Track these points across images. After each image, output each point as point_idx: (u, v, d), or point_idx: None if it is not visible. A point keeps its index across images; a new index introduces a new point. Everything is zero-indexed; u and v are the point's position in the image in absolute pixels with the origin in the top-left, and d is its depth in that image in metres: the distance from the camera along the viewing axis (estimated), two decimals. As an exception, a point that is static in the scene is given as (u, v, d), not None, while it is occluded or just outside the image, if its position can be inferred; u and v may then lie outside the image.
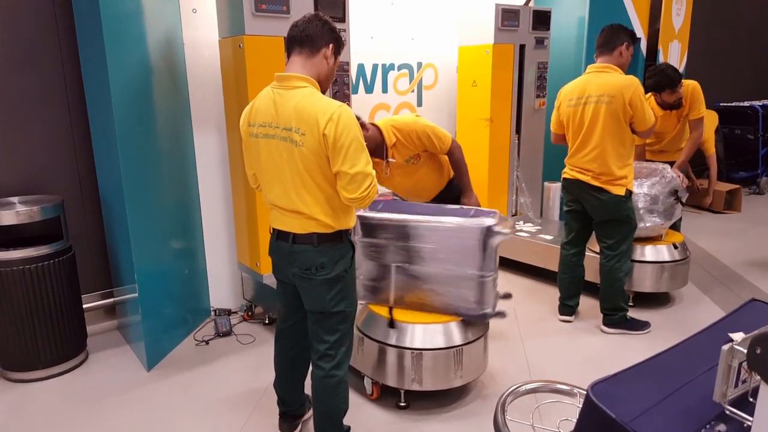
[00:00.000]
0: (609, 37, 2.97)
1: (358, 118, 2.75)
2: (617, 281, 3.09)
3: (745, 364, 1.05)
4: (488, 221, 2.32)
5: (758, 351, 0.95)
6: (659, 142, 3.83)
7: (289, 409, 2.26)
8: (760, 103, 6.64)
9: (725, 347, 1.03)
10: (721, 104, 6.34)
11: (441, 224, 2.34)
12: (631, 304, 3.46)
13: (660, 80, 3.50)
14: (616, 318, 3.16)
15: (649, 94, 3.71)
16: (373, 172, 1.84)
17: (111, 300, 3.23)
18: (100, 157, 3.01)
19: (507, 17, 3.74)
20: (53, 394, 2.62)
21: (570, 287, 3.31)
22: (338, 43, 1.92)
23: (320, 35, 1.86)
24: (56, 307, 2.73)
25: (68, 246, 2.81)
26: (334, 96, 3.06)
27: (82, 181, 3.15)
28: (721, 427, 1.07)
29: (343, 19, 3.00)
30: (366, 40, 3.63)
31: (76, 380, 2.74)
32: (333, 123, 1.75)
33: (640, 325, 3.19)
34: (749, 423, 1.02)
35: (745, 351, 1.00)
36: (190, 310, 3.24)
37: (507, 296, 2.66)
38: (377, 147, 2.78)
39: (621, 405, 1.11)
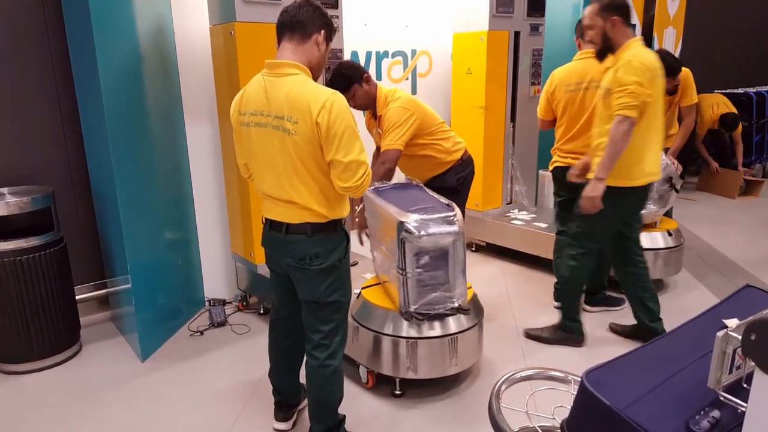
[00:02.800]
0: None
1: (365, 71, 2.72)
2: (606, 261, 3.17)
3: (739, 351, 1.05)
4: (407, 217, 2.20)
5: (753, 337, 0.95)
6: None
7: (284, 399, 2.26)
8: (755, 90, 6.63)
9: (720, 333, 1.03)
10: (716, 91, 6.33)
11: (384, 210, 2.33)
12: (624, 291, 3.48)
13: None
14: (599, 296, 3.28)
15: None
16: (368, 160, 1.82)
17: (104, 291, 3.21)
18: (90, 147, 2.97)
19: (502, 3, 3.70)
20: (47, 386, 2.61)
21: None
22: (329, 29, 1.87)
23: (311, 21, 1.81)
24: (49, 299, 2.70)
25: (59, 237, 2.78)
26: (327, 83, 3.03)
27: (72, 172, 3.11)
28: (716, 413, 1.06)
29: (336, 5, 2.95)
30: (359, 27, 3.59)
31: (69, 372, 2.73)
32: (326, 111, 1.71)
33: (617, 302, 3.33)
34: (743, 409, 1.02)
35: (740, 337, 0.99)
36: (184, 301, 3.23)
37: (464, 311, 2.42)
38: (371, 106, 2.78)
39: (615, 392, 1.10)
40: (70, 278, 2.86)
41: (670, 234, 3.46)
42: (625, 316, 3.25)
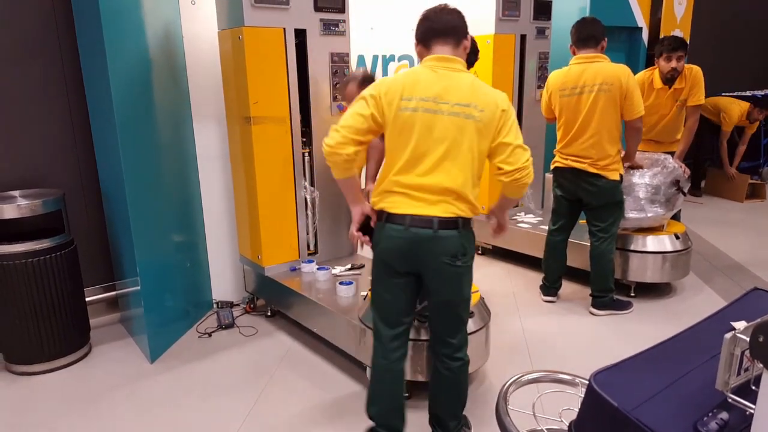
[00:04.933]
0: (594, 30, 3.03)
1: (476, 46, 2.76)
2: (609, 262, 3.18)
3: (747, 353, 1.05)
4: None
5: (761, 339, 0.95)
6: (653, 128, 3.70)
7: None
8: (762, 93, 6.60)
9: (728, 335, 1.03)
10: (723, 94, 6.30)
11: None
12: (632, 294, 3.48)
13: (660, 44, 3.58)
14: (606, 299, 3.25)
15: (652, 68, 3.67)
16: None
17: (113, 293, 3.24)
18: (100, 150, 3.00)
19: (508, 7, 3.71)
20: (57, 387, 2.63)
21: (557, 271, 3.42)
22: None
23: (462, 27, 1.92)
24: (59, 301, 2.73)
25: (70, 239, 2.81)
26: (334, 87, 3.05)
27: (82, 175, 3.14)
28: (724, 414, 1.07)
29: (342, 9, 2.98)
30: (366, 32, 3.60)
31: (79, 373, 2.76)
32: (504, 101, 1.89)
33: (624, 305, 3.31)
34: (751, 411, 1.02)
35: (748, 339, 1.00)
36: (192, 303, 3.25)
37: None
38: None
39: (623, 393, 1.11)
40: (80, 280, 2.89)
41: (677, 237, 3.45)
42: (634, 319, 3.25)
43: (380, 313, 2.02)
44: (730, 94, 6.36)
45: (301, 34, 2.90)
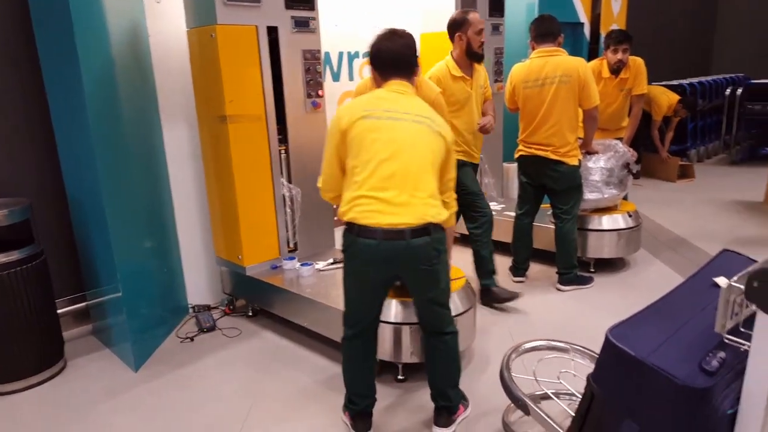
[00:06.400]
0: (551, 26, 3.25)
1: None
2: (573, 241, 3.44)
3: (738, 299, 1.22)
4: None
5: (755, 284, 1.12)
6: (600, 116, 3.96)
7: (370, 403, 2.21)
8: (688, 82, 7.19)
9: (724, 285, 1.19)
10: (653, 83, 6.81)
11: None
12: (592, 270, 3.74)
13: (608, 37, 3.88)
14: (571, 275, 3.49)
15: (601, 59, 3.96)
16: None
17: (83, 304, 3.11)
18: (66, 156, 2.88)
19: (466, 3, 3.86)
20: (38, 404, 2.52)
21: (525, 252, 3.66)
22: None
23: (412, 61, 2.11)
24: (31, 314, 2.61)
25: (39, 250, 2.69)
26: (308, 84, 3.08)
27: (45, 182, 3.00)
28: (722, 353, 1.24)
29: (312, 7, 3.01)
30: (331, 28, 3.65)
31: (59, 388, 2.65)
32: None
33: (586, 280, 3.58)
34: (746, 347, 1.19)
35: (743, 287, 1.16)
36: (168, 309, 3.18)
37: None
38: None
39: (637, 343, 1.26)
40: (51, 292, 2.77)
41: (630, 215, 3.75)
42: (596, 292, 3.50)
43: (348, 312, 2.12)
44: (660, 83, 6.89)
45: (273, 32, 2.91)
